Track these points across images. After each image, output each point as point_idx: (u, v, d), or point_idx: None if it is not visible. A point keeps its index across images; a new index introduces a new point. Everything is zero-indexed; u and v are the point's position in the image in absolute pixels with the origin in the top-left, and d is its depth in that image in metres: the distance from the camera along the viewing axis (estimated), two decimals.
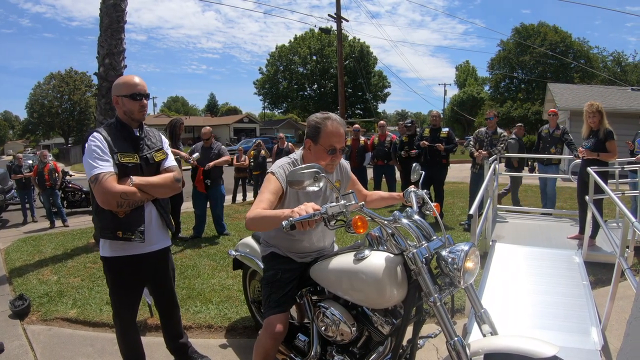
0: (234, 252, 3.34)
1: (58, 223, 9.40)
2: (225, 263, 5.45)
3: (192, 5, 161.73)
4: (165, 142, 2.74)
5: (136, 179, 2.43)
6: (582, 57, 36.07)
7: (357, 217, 1.83)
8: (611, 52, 40.77)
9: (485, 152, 6.81)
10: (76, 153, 37.45)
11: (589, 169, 4.58)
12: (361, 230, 1.81)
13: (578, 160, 5.90)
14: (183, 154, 6.59)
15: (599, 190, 4.44)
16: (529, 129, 34.51)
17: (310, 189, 1.91)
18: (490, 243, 4.96)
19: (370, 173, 9.81)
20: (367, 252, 2.05)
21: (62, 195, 11.04)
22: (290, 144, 10.73)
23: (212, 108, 78.38)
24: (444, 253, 1.87)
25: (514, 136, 8.48)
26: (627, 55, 40.60)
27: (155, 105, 71.51)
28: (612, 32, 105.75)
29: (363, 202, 1.91)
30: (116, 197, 2.33)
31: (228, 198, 10.32)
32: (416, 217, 2.07)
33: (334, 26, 18.45)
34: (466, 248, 1.83)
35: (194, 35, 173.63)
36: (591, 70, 32.67)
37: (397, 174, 9.06)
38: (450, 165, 7.87)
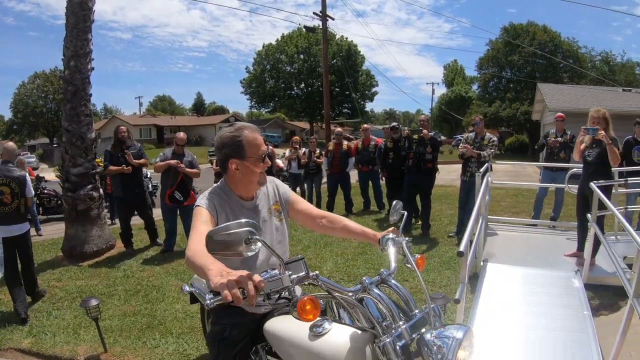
0: (187, 289, 2.91)
1: (31, 232, 8.85)
2: None
3: (177, 3, 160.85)
4: None
5: None
6: (571, 56, 35.78)
7: (306, 298, 1.35)
8: (599, 52, 40.64)
9: (475, 151, 6.34)
10: (60, 154, 36.65)
11: (592, 184, 4.14)
12: (310, 317, 1.35)
13: (575, 170, 5.54)
14: (173, 162, 6.15)
15: (601, 205, 4.07)
16: (517, 129, 34.38)
17: (245, 254, 1.43)
18: (482, 263, 4.57)
19: (355, 177, 9.41)
20: (326, 324, 1.61)
21: (37, 202, 10.45)
22: (271, 146, 9.28)
23: (199, 107, 77.75)
24: (428, 337, 1.45)
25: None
26: (615, 55, 40.37)
27: (141, 104, 70.81)
28: (598, 32, 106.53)
29: (317, 273, 1.46)
30: None
31: None
32: (393, 282, 1.65)
33: (320, 24, 18.00)
34: (459, 335, 1.42)
35: (180, 33, 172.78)
36: (580, 70, 32.44)
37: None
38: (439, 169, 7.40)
